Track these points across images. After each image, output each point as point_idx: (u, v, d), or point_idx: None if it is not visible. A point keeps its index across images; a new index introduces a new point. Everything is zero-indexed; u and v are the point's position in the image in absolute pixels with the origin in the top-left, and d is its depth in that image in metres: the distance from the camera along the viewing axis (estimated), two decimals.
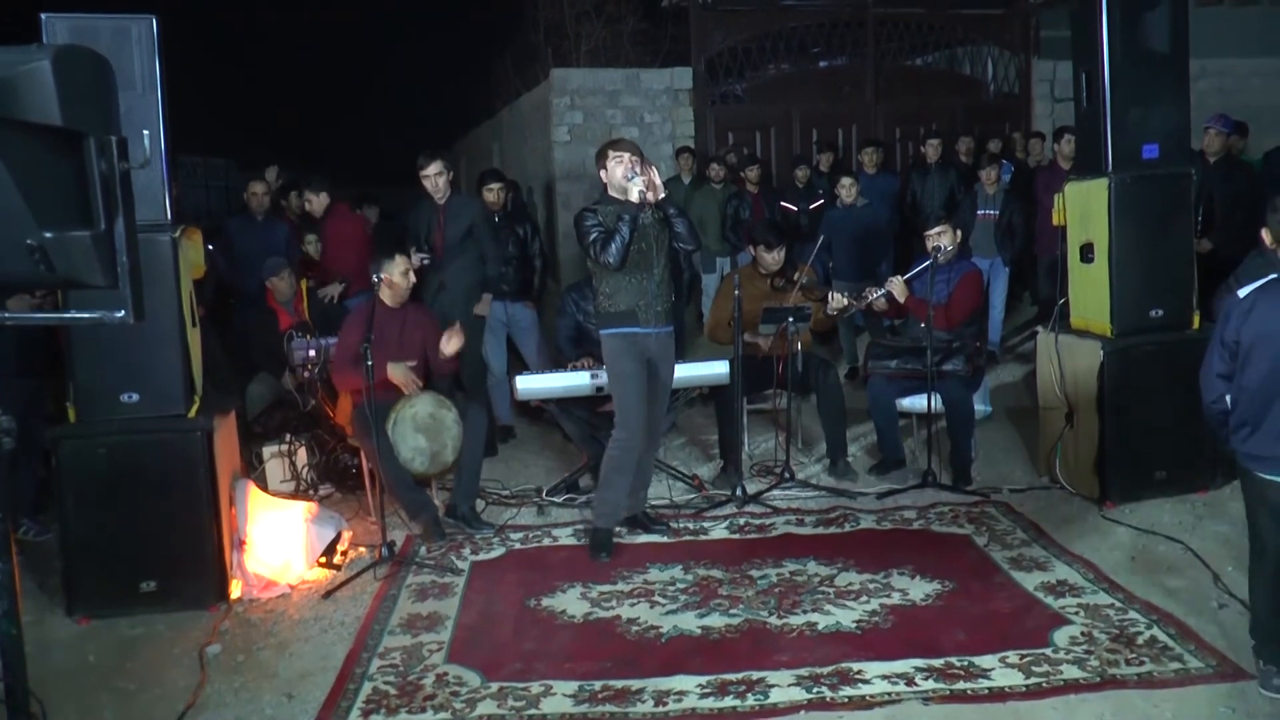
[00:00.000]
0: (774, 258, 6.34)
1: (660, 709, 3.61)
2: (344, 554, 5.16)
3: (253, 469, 6.11)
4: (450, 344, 5.53)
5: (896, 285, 6.09)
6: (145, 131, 3.20)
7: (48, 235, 1.95)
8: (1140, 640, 3.97)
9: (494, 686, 3.80)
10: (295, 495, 5.87)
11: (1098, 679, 3.69)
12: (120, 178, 2.06)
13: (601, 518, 5.21)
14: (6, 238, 1.91)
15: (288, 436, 6.24)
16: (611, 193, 5.15)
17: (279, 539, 4.90)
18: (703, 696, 3.67)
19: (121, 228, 2.05)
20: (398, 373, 5.45)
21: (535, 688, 3.78)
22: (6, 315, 2.17)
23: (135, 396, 4.49)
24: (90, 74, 2.06)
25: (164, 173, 4.43)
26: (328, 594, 4.72)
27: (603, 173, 5.17)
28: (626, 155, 5.07)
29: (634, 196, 4.94)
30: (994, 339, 9.02)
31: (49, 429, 4.62)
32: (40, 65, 1.91)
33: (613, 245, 4.92)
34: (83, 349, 4.45)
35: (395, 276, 5.59)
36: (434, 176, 6.51)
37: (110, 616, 4.51)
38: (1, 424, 2.19)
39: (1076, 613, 4.23)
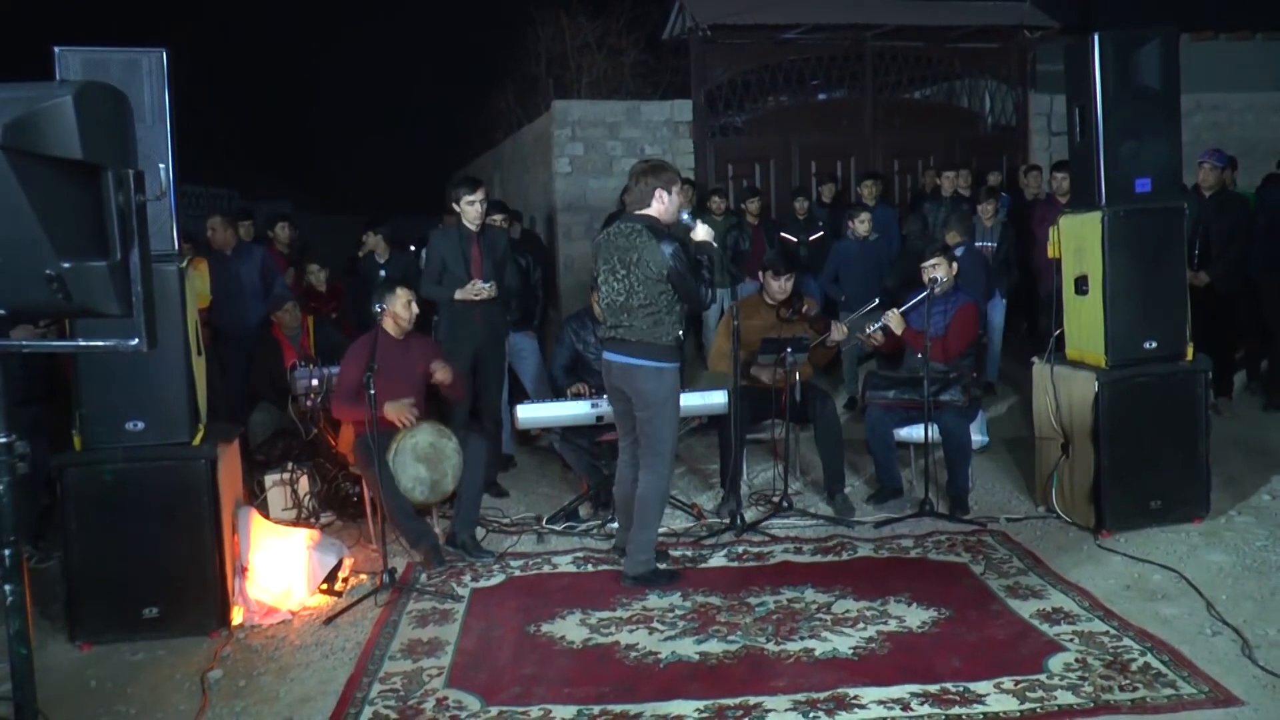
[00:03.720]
0: (781, 285, 6.39)
1: None
2: (345, 580, 5.20)
3: (255, 497, 6.17)
4: (441, 371, 5.61)
5: (893, 318, 6.15)
6: (161, 165, 3.26)
7: (66, 265, 2.02)
8: (1134, 667, 4.00)
9: (493, 711, 3.84)
10: (297, 523, 5.92)
11: (1091, 705, 3.72)
12: (136, 209, 2.13)
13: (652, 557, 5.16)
14: (26, 267, 1.98)
15: (290, 465, 6.30)
16: (665, 220, 5.00)
17: (281, 565, 4.94)
18: None
19: (136, 258, 2.12)
20: (392, 410, 5.47)
21: (534, 712, 3.81)
22: (25, 344, 2.22)
23: (140, 424, 4.55)
24: (109, 109, 2.14)
25: (172, 204, 4.49)
26: (329, 620, 4.76)
27: (665, 196, 4.98)
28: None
29: (702, 235, 4.98)
30: (992, 370, 9.08)
31: (52, 455, 4.66)
32: (63, 101, 1.98)
33: (706, 284, 4.97)
34: (89, 377, 4.51)
35: (398, 308, 5.67)
36: (479, 203, 6.37)
37: (112, 642, 4.54)
38: (15, 449, 2.24)
39: (1071, 640, 4.27)
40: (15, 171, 1.93)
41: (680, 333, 5.02)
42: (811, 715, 3.72)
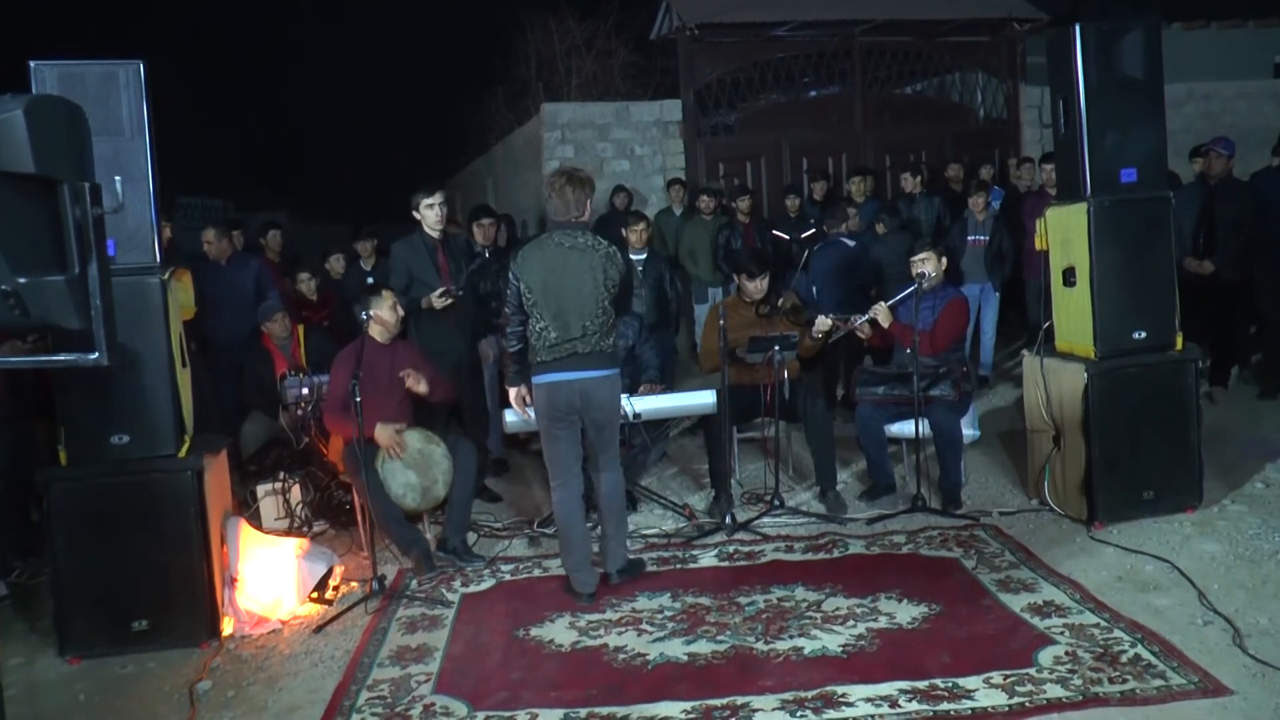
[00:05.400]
0: (756, 286, 6.41)
1: None
2: (336, 589, 5.19)
3: (247, 508, 6.16)
4: (412, 380, 5.62)
5: (881, 312, 6.14)
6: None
7: (22, 280, 2.01)
8: (1124, 659, 3.99)
9: (480, 716, 3.83)
10: (290, 532, 5.91)
11: (1080, 698, 3.71)
12: (93, 223, 2.12)
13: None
14: None
15: (281, 475, 6.29)
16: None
17: (270, 576, 4.93)
18: None
19: (95, 271, 2.11)
20: (383, 435, 5.46)
21: (521, 716, 3.80)
22: None
23: (126, 438, 4.54)
24: (63, 123, 2.13)
25: (153, 216, 4.48)
26: (319, 628, 4.75)
27: (588, 206, 5.09)
28: None
29: None
30: (986, 363, 9.08)
31: (39, 471, 4.66)
32: (13, 115, 1.97)
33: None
34: (73, 391, 4.50)
35: (383, 312, 5.66)
36: (438, 207, 6.27)
37: (102, 656, 4.53)
38: None
39: (1062, 633, 4.26)
40: None
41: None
42: (799, 714, 3.71)
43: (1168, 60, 5.58)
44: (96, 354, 2.11)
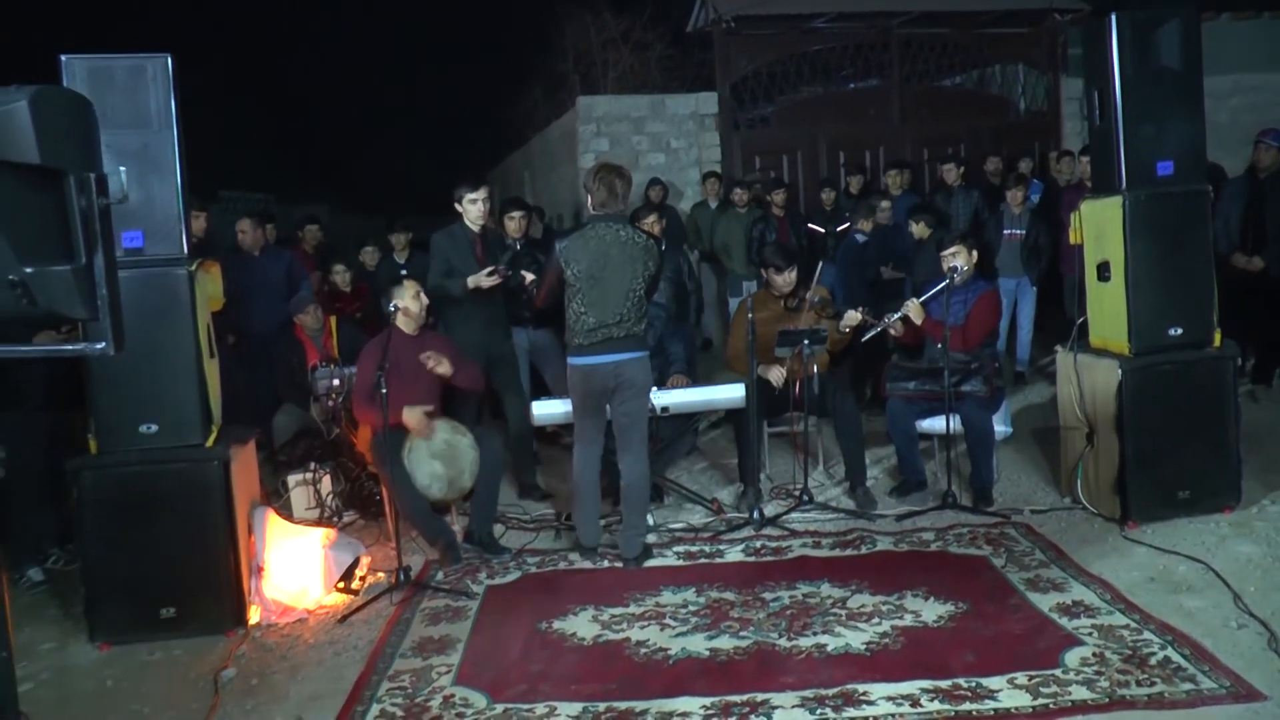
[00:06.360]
0: (784, 279, 6.37)
1: None
2: (362, 579, 5.22)
3: (278, 498, 6.22)
4: (434, 361, 5.62)
5: (913, 307, 6.08)
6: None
7: (28, 270, 2.03)
8: (1153, 661, 3.91)
9: (499, 708, 3.83)
10: (320, 523, 5.95)
11: (1106, 700, 3.65)
12: (100, 213, 2.13)
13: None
14: None
15: (312, 465, 6.34)
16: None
17: (297, 565, 4.97)
18: (706, 717, 3.68)
19: (101, 261, 2.13)
20: (411, 417, 5.48)
21: (540, 709, 3.80)
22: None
23: (154, 427, 4.59)
24: (69, 113, 2.14)
25: (180, 208, 4.52)
26: (343, 618, 4.78)
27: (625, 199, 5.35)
28: None
29: None
30: (1023, 358, 8.96)
31: (71, 460, 4.72)
32: (18, 106, 1.99)
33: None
34: (103, 381, 4.56)
35: (407, 300, 5.68)
36: (481, 202, 6.30)
37: (130, 642, 4.59)
38: None
39: (1090, 633, 4.18)
40: None
41: None
42: (819, 712, 3.68)
43: (1214, 52, 5.47)
44: (103, 344, 2.14)
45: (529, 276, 6.17)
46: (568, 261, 5.20)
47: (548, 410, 5.97)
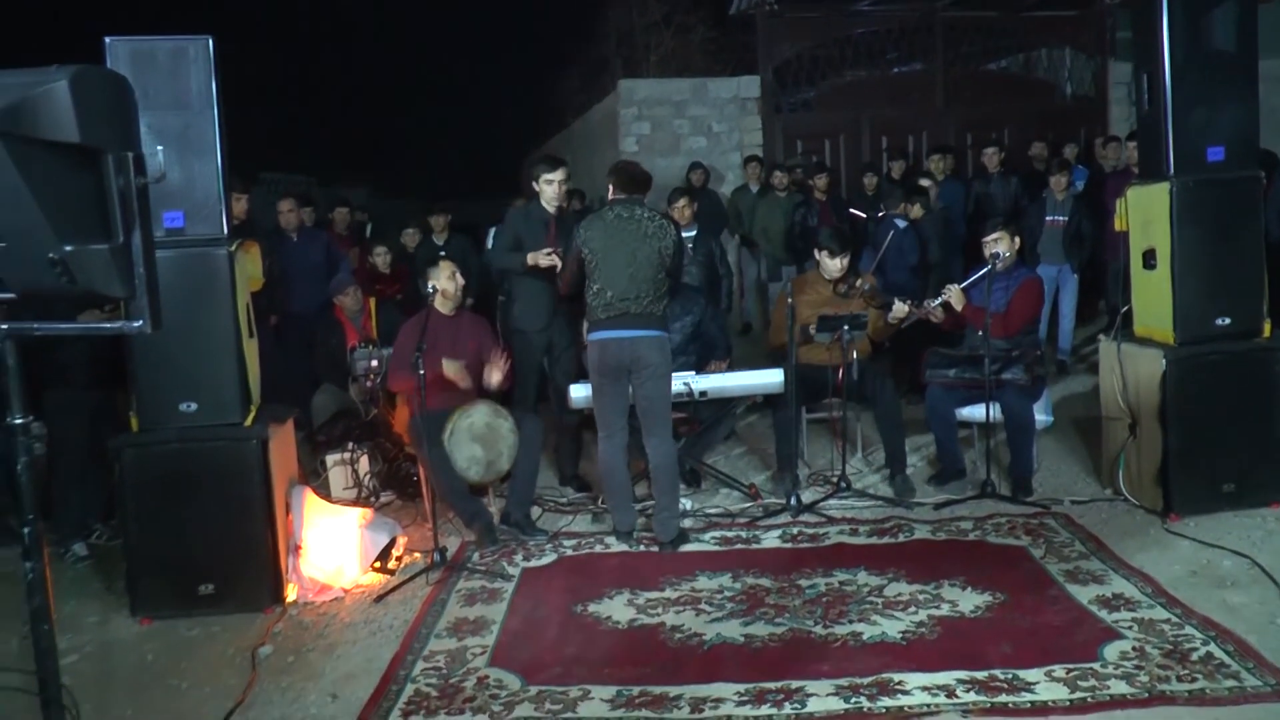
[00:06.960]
0: (838, 264, 6.32)
1: (696, 715, 3.61)
2: (399, 559, 5.26)
3: (317, 477, 6.27)
4: (494, 375, 5.68)
5: (954, 294, 6.01)
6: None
7: (68, 249, 2.05)
8: (1195, 657, 3.85)
9: (533, 690, 3.84)
10: (357, 502, 5.99)
11: (1146, 695, 3.59)
12: (137, 192, 2.14)
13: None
14: (29, 252, 2.01)
15: (350, 445, 6.38)
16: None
17: (334, 544, 5.01)
18: (740, 704, 3.66)
19: (139, 240, 2.14)
20: (451, 369, 5.53)
21: (574, 692, 3.81)
22: (36, 326, 2.26)
23: (194, 406, 4.64)
24: (108, 93, 2.15)
25: (220, 189, 4.55)
26: (379, 598, 4.81)
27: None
28: None
29: None
30: (1065, 347, 8.84)
31: (113, 437, 4.78)
32: (59, 85, 2.00)
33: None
34: (144, 360, 4.60)
35: (443, 282, 5.70)
36: (558, 183, 6.15)
37: (170, 618, 4.65)
38: (31, 430, 2.29)
39: (1130, 627, 4.12)
40: (12, 157, 1.96)
41: None
42: (853, 700, 3.65)
43: (1270, 34, 5.33)
44: (140, 321, 2.15)
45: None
46: (585, 242, 5.30)
47: (585, 393, 5.96)
